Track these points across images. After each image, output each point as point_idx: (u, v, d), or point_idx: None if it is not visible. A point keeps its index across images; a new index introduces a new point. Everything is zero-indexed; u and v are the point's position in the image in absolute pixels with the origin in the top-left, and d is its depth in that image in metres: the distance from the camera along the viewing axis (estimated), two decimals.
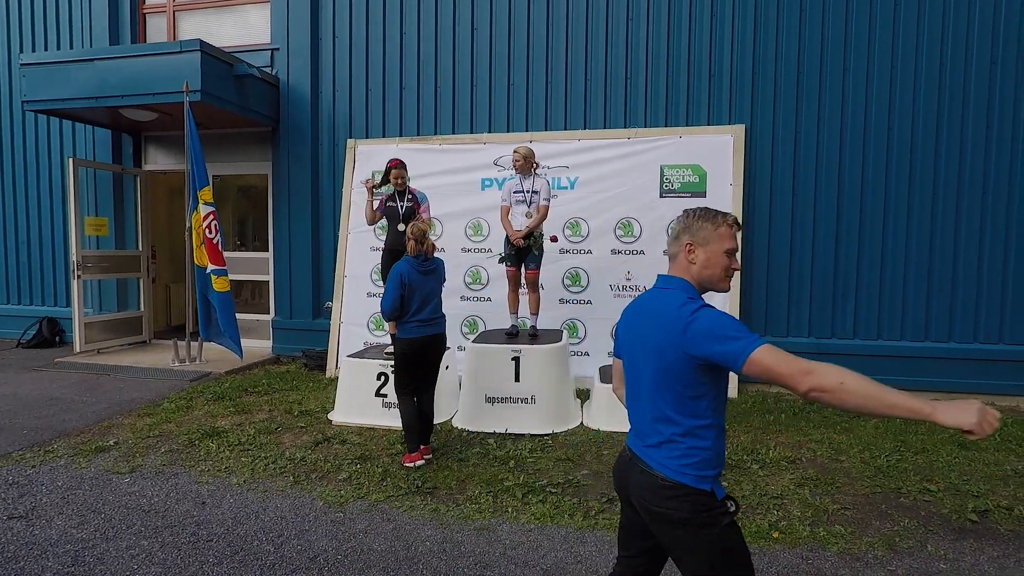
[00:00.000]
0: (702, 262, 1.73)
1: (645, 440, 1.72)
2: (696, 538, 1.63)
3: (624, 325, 1.86)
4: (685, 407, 1.64)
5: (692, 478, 1.62)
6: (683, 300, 1.65)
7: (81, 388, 5.86)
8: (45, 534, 3.12)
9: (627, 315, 1.85)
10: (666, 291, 1.73)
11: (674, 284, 1.74)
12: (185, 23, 7.70)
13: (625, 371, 1.84)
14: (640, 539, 1.85)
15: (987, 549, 2.98)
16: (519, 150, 5.02)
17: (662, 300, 1.71)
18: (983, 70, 5.56)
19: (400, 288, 3.89)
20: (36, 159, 8.16)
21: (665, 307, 1.67)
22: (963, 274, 5.68)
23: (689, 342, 1.58)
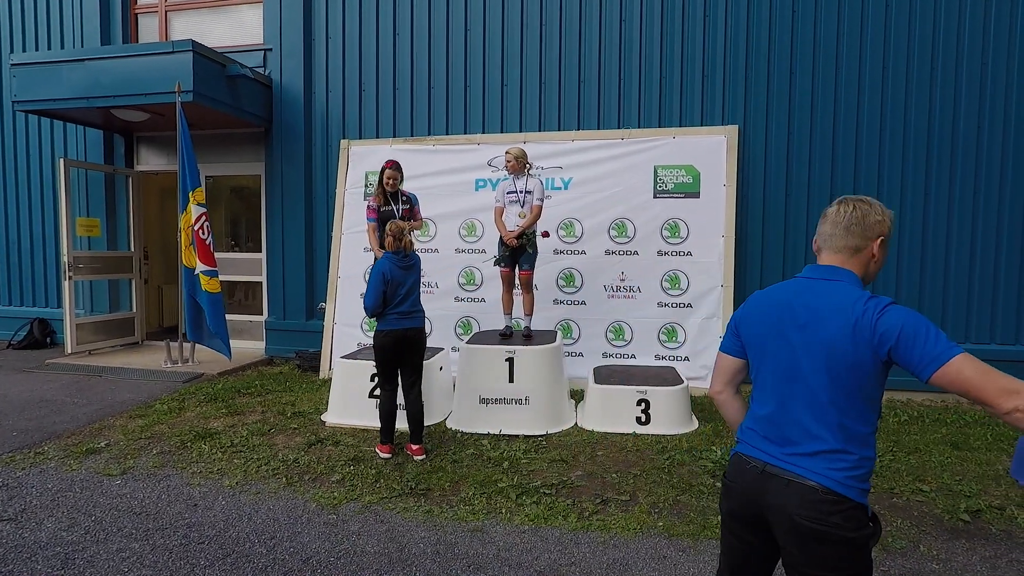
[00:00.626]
0: (882, 258, 1.61)
1: (795, 449, 1.52)
2: (851, 558, 1.46)
3: (761, 319, 1.63)
4: (860, 413, 1.48)
5: (856, 491, 1.47)
6: (863, 294, 1.49)
7: (72, 389, 5.82)
8: (35, 536, 3.09)
9: (766, 307, 1.63)
10: (835, 283, 1.55)
11: (843, 276, 1.56)
12: (177, 23, 7.66)
13: (763, 371, 1.62)
14: (758, 569, 1.66)
15: (979, 549, 2.99)
16: (511, 151, 5.02)
17: (836, 294, 1.52)
18: (974, 70, 5.60)
19: (383, 284, 4.00)
20: (27, 159, 8.11)
21: (843, 301, 1.49)
22: (954, 274, 5.71)
23: (879, 340, 1.42)
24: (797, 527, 1.48)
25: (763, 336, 1.62)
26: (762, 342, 1.62)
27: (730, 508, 1.65)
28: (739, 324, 1.70)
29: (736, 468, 1.65)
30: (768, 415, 1.60)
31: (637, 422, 4.67)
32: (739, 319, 1.71)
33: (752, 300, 1.71)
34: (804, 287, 1.59)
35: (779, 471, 1.53)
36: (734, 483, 1.64)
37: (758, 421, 1.63)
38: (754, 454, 1.61)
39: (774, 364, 1.59)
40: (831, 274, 1.58)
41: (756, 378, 1.66)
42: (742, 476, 1.62)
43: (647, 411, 4.67)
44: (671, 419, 4.67)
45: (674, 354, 5.92)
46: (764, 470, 1.56)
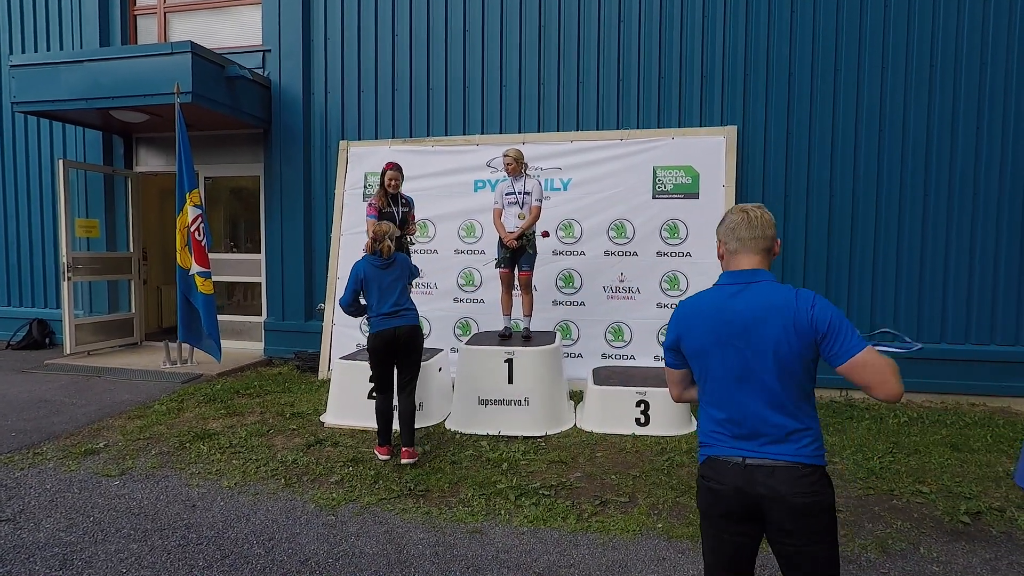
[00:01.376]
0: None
1: (764, 440, 1.64)
2: (832, 520, 1.65)
3: (700, 333, 1.71)
4: (807, 393, 1.66)
5: (821, 458, 1.66)
6: (790, 290, 1.64)
7: (71, 390, 5.81)
8: (33, 537, 3.08)
9: (701, 320, 1.72)
10: (763, 284, 1.68)
11: (766, 276, 1.70)
12: (176, 25, 7.67)
13: (710, 378, 1.71)
14: (750, 561, 1.76)
15: (979, 551, 2.98)
16: (509, 152, 5.03)
17: (767, 293, 1.65)
18: (973, 72, 5.60)
19: (355, 283, 4.06)
20: (26, 160, 8.10)
21: (777, 300, 1.63)
22: (954, 275, 5.71)
23: (814, 331, 1.59)
24: (793, 507, 1.60)
25: (705, 348, 1.71)
26: (705, 353, 1.71)
27: (722, 510, 1.70)
28: (679, 341, 1.78)
29: (718, 471, 1.70)
30: (728, 417, 1.70)
31: (636, 423, 4.67)
32: (677, 338, 1.78)
33: (683, 317, 1.77)
34: (734, 292, 1.70)
35: (759, 461, 1.64)
36: (722, 485, 1.69)
37: (720, 424, 1.72)
38: (731, 453, 1.68)
39: (722, 370, 1.69)
40: (756, 276, 1.70)
41: (705, 384, 1.74)
42: (728, 476, 1.68)
43: (646, 412, 4.67)
44: (670, 420, 4.67)
45: None
46: (746, 465, 1.65)
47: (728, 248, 1.76)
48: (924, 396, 5.67)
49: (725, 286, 1.73)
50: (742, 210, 1.76)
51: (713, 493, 1.71)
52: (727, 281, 1.74)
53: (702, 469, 1.76)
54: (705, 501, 1.74)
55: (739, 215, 1.75)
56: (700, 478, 1.77)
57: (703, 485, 1.75)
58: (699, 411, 1.82)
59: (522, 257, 5.08)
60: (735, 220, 1.75)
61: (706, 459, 1.75)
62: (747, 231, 1.72)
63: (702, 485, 1.75)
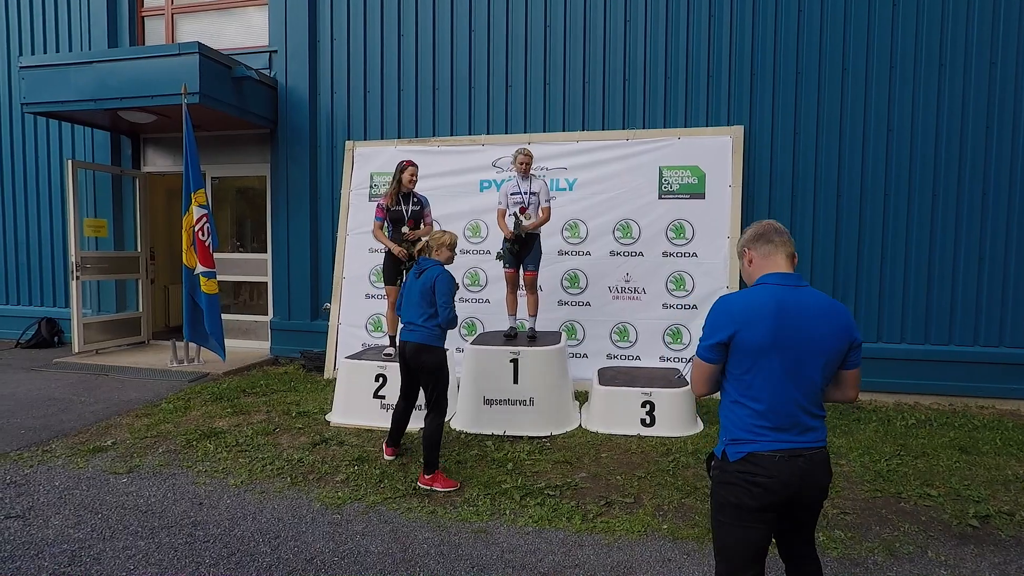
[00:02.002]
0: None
1: (800, 428, 1.79)
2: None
3: (768, 324, 1.76)
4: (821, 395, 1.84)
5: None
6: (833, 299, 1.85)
7: (79, 388, 5.85)
8: (42, 534, 3.10)
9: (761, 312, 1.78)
10: (807, 287, 1.84)
11: (805, 281, 1.86)
12: (183, 26, 7.71)
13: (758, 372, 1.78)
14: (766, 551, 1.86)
15: (988, 555, 2.96)
16: (526, 151, 5.04)
17: (815, 296, 1.83)
18: (982, 71, 5.56)
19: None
20: (35, 161, 8.17)
21: (830, 305, 1.81)
22: (963, 276, 5.67)
23: (852, 340, 1.80)
24: (823, 487, 1.82)
25: (764, 344, 1.77)
26: (762, 349, 1.77)
27: (765, 503, 1.77)
28: (735, 336, 1.80)
29: (762, 465, 1.77)
30: (768, 409, 1.79)
31: (642, 424, 4.66)
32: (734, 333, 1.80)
33: (741, 313, 1.81)
34: (788, 293, 1.81)
35: (799, 451, 1.77)
36: (772, 478, 1.76)
37: (760, 416, 1.79)
38: (773, 447, 1.77)
39: (776, 366, 1.77)
40: (799, 280, 1.85)
41: (748, 378, 1.81)
42: (775, 468, 1.76)
43: (652, 413, 4.66)
44: (676, 421, 4.65)
45: (679, 356, 5.89)
46: (789, 456, 1.77)
47: (760, 252, 1.91)
48: (932, 398, 5.63)
49: (777, 286, 1.82)
50: (765, 222, 1.95)
51: (759, 487, 1.76)
52: (778, 281, 1.84)
53: (740, 465, 1.79)
54: (744, 496, 1.78)
55: (764, 224, 1.94)
56: (738, 473, 1.79)
57: (743, 480, 1.78)
58: (729, 406, 1.86)
59: (527, 257, 5.08)
60: (761, 227, 1.93)
61: (747, 455, 1.78)
62: (776, 234, 1.90)
63: (741, 480, 1.78)
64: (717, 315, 1.86)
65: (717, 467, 1.89)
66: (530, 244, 5.06)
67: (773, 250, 1.88)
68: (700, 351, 1.89)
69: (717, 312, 1.86)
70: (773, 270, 1.87)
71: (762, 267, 1.90)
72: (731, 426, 1.84)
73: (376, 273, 6.49)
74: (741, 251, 1.98)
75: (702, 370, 1.89)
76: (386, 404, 4.84)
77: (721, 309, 1.86)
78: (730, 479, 1.81)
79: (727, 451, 1.84)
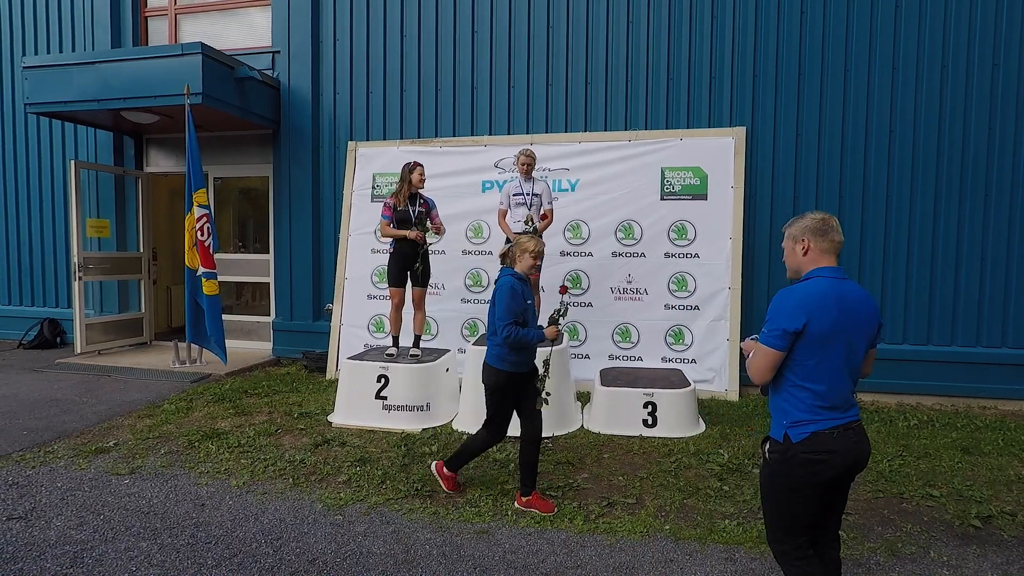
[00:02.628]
0: None
1: (847, 406, 2.01)
2: None
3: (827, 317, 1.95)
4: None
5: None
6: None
7: (81, 389, 5.86)
8: (44, 535, 3.11)
9: (835, 305, 1.96)
10: (849, 280, 2.04)
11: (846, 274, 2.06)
12: (186, 26, 7.72)
13: (824, 358, 1.96)
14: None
15: (990, 555, 2.95)
16: (529, 152, 5.05)
17: (857, 288, 2.04)
18: (985, 73, 5.55)
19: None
20: (38, 161, 8.18)
21: (866, 294, 2.05)
22: (965, 277, 5.66)
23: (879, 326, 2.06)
24: (868, 456, 2.04)
25: (831, 332, 1.95)
26: (827, 337, 1.95)
27: (828, 476, 1.97)
28: (808, 325, 1.95)
29: (824, 442, 1.96)
30: (825, 392, 1.97)
31: (644, 424, 4.66)
32: (807, 322, 1.95)
33: (811, 302, 1.96)
34: (838, 285, 2.00)
35: (849, 425, 1.99)
36: (834, 452, 1.96)
37: (817, 398, 1.98)
38: (831, 424, 1.97)
39: (838, 351, 1.96)
40: (844, 273, 2.04)
41: (812, 364, 1.97)
42: (837, 443, 1.96)
43: (654, 413, 4.66)
44: (678, 422, 4.65)
45: (681, 356, 5.89)
46: (843, 430, 1.97)
47: (819, 247, 2.05)
48: (934, 399, 5.63)
49: (833, 279, 2.00)
50: (832, 218, 2.08)
51: (823, 463, 1.96)
52: (831, 275, 2.01)
53: (804, 445, 1.97)
54: (809, 473, 1.97)
55: (832, 221, 2.06)
56: (802, 453, 1.97)
57: (808, 459, 1.96)
58: (789, 391, 2.02)
59: None
60: (822, 221, 2.05)
61: (810, 435, 1.97)
62: (836, 232, 2.05)
63: (806, 459, 1.97)
64: (790, 305, 1.98)
65: (778, 450, 2.03)
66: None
67: (830, 247, 2.04)
68: (770, 340, 2.00)
69: (789, 302, 1.99)
70: (826, 264, 2.04)
71: (817, 260, 2.05)
72: (792, 409, 2.00)
73: (379, 274, 6.50)
74: (798, 237, 2.08)
75: (770, 358, 2.01)
76: (388, 405, 4.84)
77: (793, 300, 1.99)
78: (794, 459, 1.98)
79: (789, 433, 2.00)
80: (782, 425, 2.03)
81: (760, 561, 2.88)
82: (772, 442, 2.08)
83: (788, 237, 2.14)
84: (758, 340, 2.07)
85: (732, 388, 5.71)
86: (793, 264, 2.13)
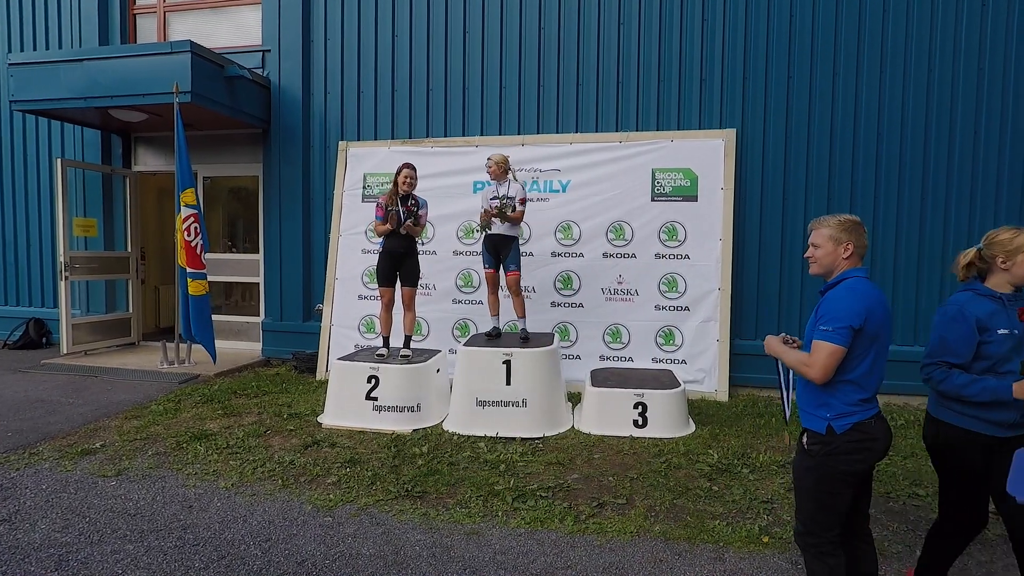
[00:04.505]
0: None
1: (874, 400, 2.14)
2: None
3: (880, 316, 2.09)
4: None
5: None
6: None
7: (67, 390, 5.80)
8: (28, 538, 3.07)
9: (880, 305, 2.10)
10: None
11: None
12: (176, 24, 7.66)
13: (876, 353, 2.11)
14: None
15: (975, 553, 2.99)
16: (493, 158, 5.08)
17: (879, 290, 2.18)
18: (970, 76, 5.62)
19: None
20: (24, 159, 8.09)
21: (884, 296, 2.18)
22: (951, 278, 5.66)
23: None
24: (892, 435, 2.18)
25: (881, 330, 2.10)
26: (878, 334, 2.09)
27: (868, 465, 2.10)
28: (867, 322, 2.05)
29: (867, 431, 2.08)
30: (867, 384, 2.10)
31: (634, 425, 4.67)
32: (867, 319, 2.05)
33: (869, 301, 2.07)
34: (874, 286, 2.14)
35: (879, 414, 2.13)
36: (876, 439, 2.09)
37: (860, 391, 2.09)
38: (868, 415, 2.10)
39: (880, 346, 2.11)
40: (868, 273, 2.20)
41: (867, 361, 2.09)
42: (875, 431, 2.09)
43: (644, 414, 4.67)
44: (668, 422, 4.67)
45: (671, 357, 5.92)
46: (877, 418, 2.12)
47: (859, 251, 2.17)
48: (921, 399, 5.68)
49: (867, 279, 2.14)
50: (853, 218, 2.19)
51: (867, 450, 2.08)
52: (865, 275, 2.16)
53: (848, 435, 2.07)
54: (854, 461, 2.07)
55: (856, 219, 2.18)
56: (848, 443, 2.07)
57: (853, 448, 2.07)
58: (835, 384, 2.10)
59: (508, 258, 5.08)
60: (858, 224, 2.18)
61: (853, 425, 2.07)
62: (867, 236, 2.20)
63: (851, 448, 2.07)
64: (851, 303, 2.06)
65: (820, 441, 2.12)
66: (508, 245, 5.06)
67: (863, 250, 2.19)
68: (835, 336, 2.04)
69: (850, 300, 2.07)
70: (860, 265, 2.18)
71: (854, 262, 2.17)
72: (836, 402, 2.10)
73: (369, 274, 6.48)
74: (842, 240, 2.15)
75: (838, 355, 2.06)
76: (378, 406, 4.83)
77: (853, 298, 2.07)
78: (839, 449, 2.08)
79: (833, 425, 2.09)
80: (824, 418, 2.11)
81: (749, 560, 2.90)
82: (812, 434, 2.15)
83: (828, 238, 2.18)
84: (819, 339, 2.07)
85: (722, 388, 5.74)
86: (830, 263, 2.18)
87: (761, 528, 3.20)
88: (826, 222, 2.21)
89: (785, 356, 2.24)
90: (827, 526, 2.14)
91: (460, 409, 4.82)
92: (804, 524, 2.20)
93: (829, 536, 2.14)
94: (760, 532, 3.15)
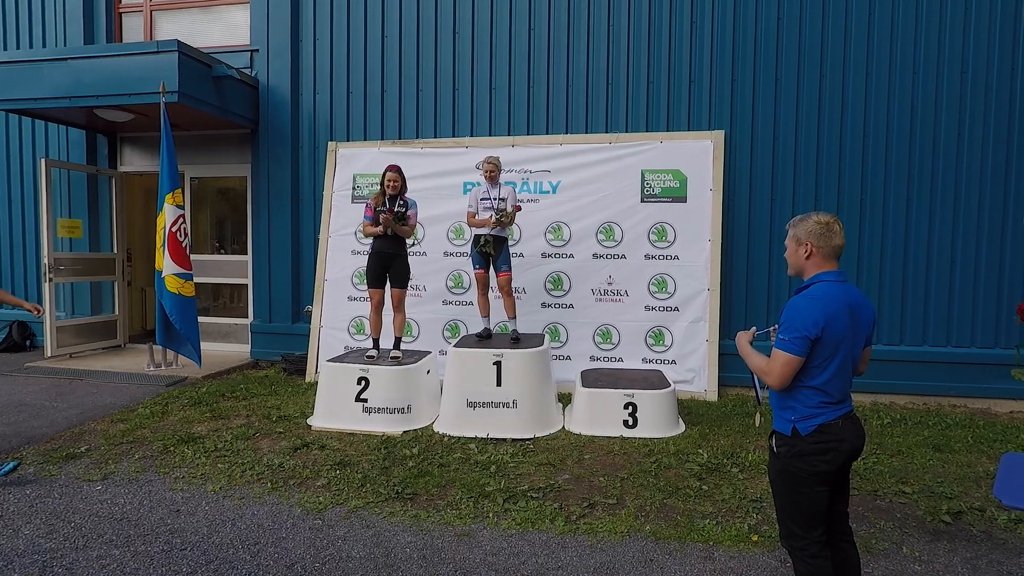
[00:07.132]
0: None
1: (844, 402, 2.11)
2: None
3: (840, 322, 2.03)
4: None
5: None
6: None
7: (52, 393, 5.72)
8: (11, 544, 3.02)
9: (839, 311, 2.03)
10: (849, 283, 2.13)
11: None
12: (162, 23, 7.59)
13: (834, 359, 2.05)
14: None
15: (960, 550, 3.03)
16: (492, 159, 5.07)
17: (857, 291, 2.14)
18: (954, 79, 5.70)
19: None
20: (7, 159, 7.97)
21: (864, 298, 2.15)
22: (936, 279, 5.80)
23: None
24: (864, 443, 2.16)
25: (843, 335, 2.05)
26: (840, 340, 2.04)
27: (838, 464, 2.07)
28: (825, 329, 2.02)
29: (832, 432, 2.06)
30: (832, 389, 2.07)
31: (624, 425, 4.69)
32: (825, 327, 2.02)
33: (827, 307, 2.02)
34: (845, 290, 2.08)
35: (847, 415, 2.11)
36: (842, 440, 2.07)
37: (824, 395, 2.07)
38: (834, 416, 2.08)
39: (845, 352, 2.06)
40: (845, 276, 2.13)
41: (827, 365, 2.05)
42: (841, 432, 2.07)
43: (634, 414, 4.69)
44: (658, 422, 4.69)
45: (661, 357, 5.94)
46: (844, 419, 2.09)
47: (823, 252, 2.10)
48: (907, 398, 5.75)
49: (838, 283, 2.08)
50: (835, 222, 2.11)
51: (832, 451, 2.06)
52: (835, 279, 2.09)
53: (813, 436, 2.06)
54: (819, 462, 2.05)
55: (835, 226, 2.10)
56: (812, 444, 2.06)
57: (817, 449, 2.05)
58: (798, 390, 2.09)
59: (499, 258, 5.09)
60: (828, 224, 2.10)
61: (817, 427, 2.06)
62: (839, 236, 2.10)
63: (815, 449, 2.06)
64: (807, 313, 2.02)
65: (786, 443, 2.12)
66: (499, 247, 5.08)
67: (832, 254, 2.10)
68: (790, 346, 2.03)
69: (808, 310, 2.03)
70: (829, 268, 2.11)
71: (820, 265, 2.11)
72: (799, 406, 2.09)
73: (359, 275, 6.45)
74: (802, 240, 2.13)
75: (793, 365, 2.05)
76: (368, 407, 4.81)
77: (810, 307, 2.03)
78: (804, 450, 2.07)
79: (798, 427, 2.09)
80: (788, 420, 2.12)
81: (738, 559, 2.92)
82: (779, 436, 2.16)
83: (792, 238, 2.18)
84: (776, 347, 2.06)
85: (711, 388, 5.78)
86: (795, 264, 2.19)
87: (751, 527, 3.22)
88: (792, 223, 2.21)
89: (748, 359, 2.22)
90: (808, 527, 2.12)
91: (451, 410, 4.81)
92: (786, 527, 2.19)
93: (813, 537, 2.12)
94: (749, 531, 3.17)
